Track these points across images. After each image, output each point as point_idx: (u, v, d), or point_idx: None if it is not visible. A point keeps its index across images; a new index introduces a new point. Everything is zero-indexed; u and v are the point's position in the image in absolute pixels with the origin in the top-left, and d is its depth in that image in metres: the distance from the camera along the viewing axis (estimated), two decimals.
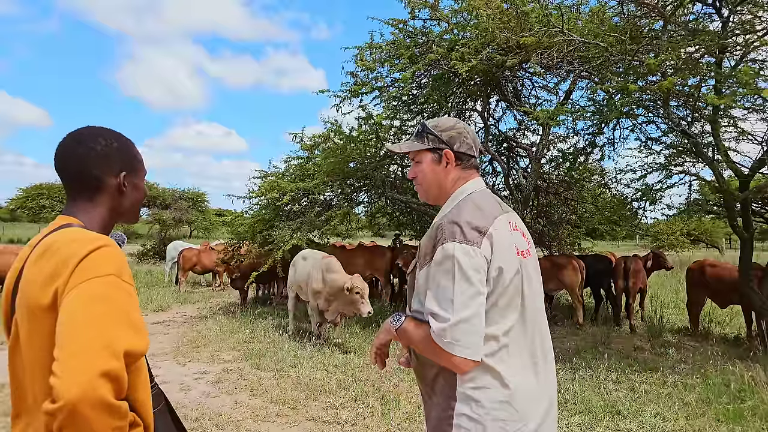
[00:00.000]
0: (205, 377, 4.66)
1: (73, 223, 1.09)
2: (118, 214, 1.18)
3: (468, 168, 1.42)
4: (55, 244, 0.99)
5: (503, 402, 1.22)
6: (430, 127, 1.43)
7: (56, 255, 0.97)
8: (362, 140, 6.89)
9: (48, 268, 0.96)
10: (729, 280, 6.20)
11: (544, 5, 5.58)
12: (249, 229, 7.52)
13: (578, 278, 6.99)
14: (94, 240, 1.00)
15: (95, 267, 0.95)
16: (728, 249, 22.68)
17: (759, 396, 3.97)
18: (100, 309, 0.91)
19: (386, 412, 3.74)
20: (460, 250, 1.20)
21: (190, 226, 23.34)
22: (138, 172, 1.20)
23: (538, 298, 1.35)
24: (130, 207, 1.20)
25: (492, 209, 1.33)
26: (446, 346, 1.17)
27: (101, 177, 1.13)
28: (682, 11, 5.47)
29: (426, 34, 6.55)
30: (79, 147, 1.12)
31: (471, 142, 1.42)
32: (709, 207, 7.00)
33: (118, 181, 1.15)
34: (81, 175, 1.12)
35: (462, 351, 1.16)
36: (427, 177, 1.43)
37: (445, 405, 1.27)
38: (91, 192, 1.13)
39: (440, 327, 1.17)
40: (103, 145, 1.14)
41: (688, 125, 5.66)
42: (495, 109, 8.32)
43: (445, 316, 1.17)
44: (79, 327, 0.89)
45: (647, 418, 3.70)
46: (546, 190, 8.52)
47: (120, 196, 1.16)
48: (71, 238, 1.01)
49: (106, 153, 1.14)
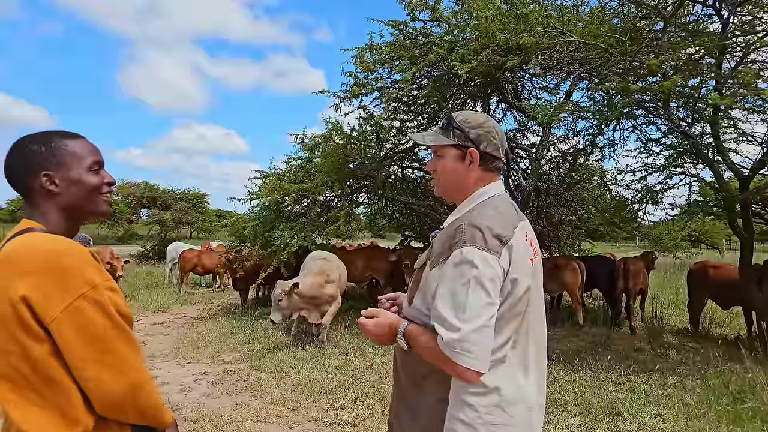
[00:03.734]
0: (205, 378, 4.66)
1: (34, 227, 1.10)
2: (72, 211, 1.17)
3: (491, 170, 1.36)
4: (14, 253, 1.01)
5: (496, 407, 1.21)
6: (458, 121, 1.35)
7: (15, 265, 0.99)
8: (362, 140, 6.89)
9: (6, 278, 0.98)
10: (732, 281, 6.19)
11: (544, 6, 5.59)
12: (252, 232, 7.53)
13: (578, 279, 6.98)
14: (52, 252, 1.01)
15: (66, 286, 0.98)
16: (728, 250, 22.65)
17: (759, 397, 3.96)
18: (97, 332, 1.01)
19: (386, 414, 3.73)
20: (479, 256, 1.16)
21: (190, 227, 23.33)
22: (70, 167, 1.15)
23: (541, 307, 1.34)
24: (80, 202, 1.16)
25: (512, 217, 1.29)
26: (454, 356, 1.13)
27: (25, 182, 1.14)
28: (682, 12, 5.47)
29: (426, 36, 6.56)
30: (8, 155, 1.15)
31: (498, 143, 1.35)
32: (709, 208, 7.00)
33: (41, 183, 1.13)
34: (12, 183, 1.15)
35: (470, 362, 1.13)
36: (448, 173, 1.36)
37: (435, 408, 1.25)
38: (29, 197, 1.15)
39: (450, 336, 1.13)
40: (22, 152, 1.14)
41: (689, 126, 5.65)
42: (495, 110, 8.32)
43: (457, 325, 1.13)
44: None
45: (647, 420, 3.70)
46: (546, 191, 8.52)
47: (56, 195, 1.14)
48: (30, 247, 1.02)
49: (26, 158, 1.13)
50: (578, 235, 9.93)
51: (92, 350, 1.00)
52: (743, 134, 5.90)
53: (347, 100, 7.08)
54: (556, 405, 4.00)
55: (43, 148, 1.14)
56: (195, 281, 12.09)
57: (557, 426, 3.61)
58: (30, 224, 1.11)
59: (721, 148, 5.40)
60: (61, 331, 0.98)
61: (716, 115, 5.29)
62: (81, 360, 0.99)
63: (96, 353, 1.00)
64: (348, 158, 7.31)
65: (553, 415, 3.80)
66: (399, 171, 8.82)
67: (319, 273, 5.82)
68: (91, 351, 1.00)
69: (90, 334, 1.00)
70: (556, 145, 8.06)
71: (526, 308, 1.26)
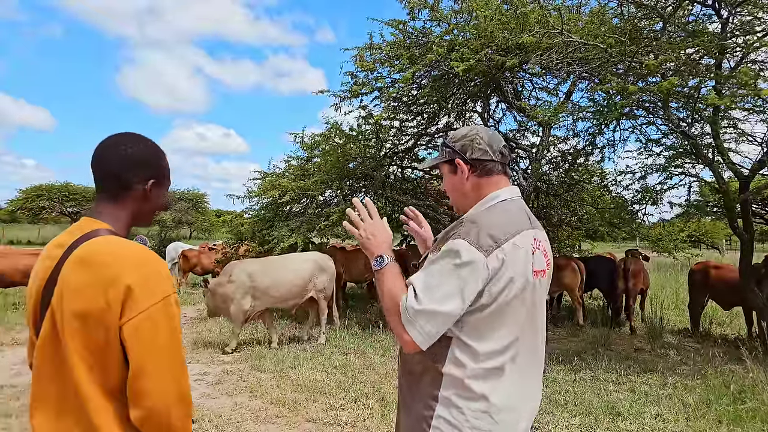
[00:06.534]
0: (205, 378, 4.66)
1: (101, 228, 1.13)
2: (137, 218, 1.24)
3: (487, 174, 1.36)
4: (95, 256, 1.05)
5: (484, 413, 1.21)
6: (447, 139, 1.43)
7: (100, 268, 1.03)
8: (362, 140, 6.88)
9: (94, 280, 1.02)
10: (733, 282, 6.19)
11: (544, 6, 5.59)
12: (249, 229, 7.52)
13: (578, 279, 6.98)
14: (140, 258, 1.07)
15: (149, 291, 1.04)
16: (728, 250, 22.67)
17: (759, 397, 3.96)
18: (163, 344, 1.05)
19: (386, 414, 3.73)
20: (466, 249, 1.19)
21: (190, 227, 23.35)
22: (164, 183, 1.26)
23: (540, 317, 1.33)
24: (149, 213, 1.25)
25: (519, 222, 1.29)
26: (406, 321, 1.20)
27: (130, 181, 1.18)
28: (681, 12, 5.47)
29: (426, 35, 6.56)
30: (115, 150, 1.18)
31: (485, 147, 1.36)
32: (709, 208, 7.00)
33: (146, 188, 1.19)
34: (112, 176, 1.17)
35: (415, 334, 1.20)
36: (450, 188, 1.44)
37: (426, 404, 1.27)
38: (118, 194, 1.18)
39: (411, 305, 1.20)
40: (137, 151, 1.19)
41: (688, 126, 5.65)
42: (495, 110, 8.32)
43: (422, 299, 1.19)
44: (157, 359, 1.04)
45: (647, 420, 3.70)
46: (546, 191, 8.52)
47: (144, 202, 1.21)
48: (112, 251, 1.07)
49: (139, 159, 1.19)
50: (578, 235, 9.93)
51: (159, 355, 1.04)
52: (743, 134, 5.89)
53: (347, 100, 7.08)
54: (557, 405, 4.00)
55: (155, 154, 1.22)
56: (195, 281, 12.08)
57: (557, 426, 3.60)
58: (96, 224, 1.14)
59: (721, 149, 5.40)
60: (147, 323, 1.02)
61: (716, 115, 5.28)
62: (150, 362, 1.03)
63: (161, 360, 1.04)
64: (347, 158, 7.30)
65: (553, 415, 3.80)
66: (398, 171, 8.81)
67: (224, 272, 5.72)
68: (157, 356, 1.04)
69: (160, 339, 1.04)
70: (556, 146, 8.06)
71: (522, 318, 1.25)
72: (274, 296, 5.63)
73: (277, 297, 5.65)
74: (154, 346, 1.03)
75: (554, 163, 8.21)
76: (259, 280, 5.53)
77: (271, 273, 5.65)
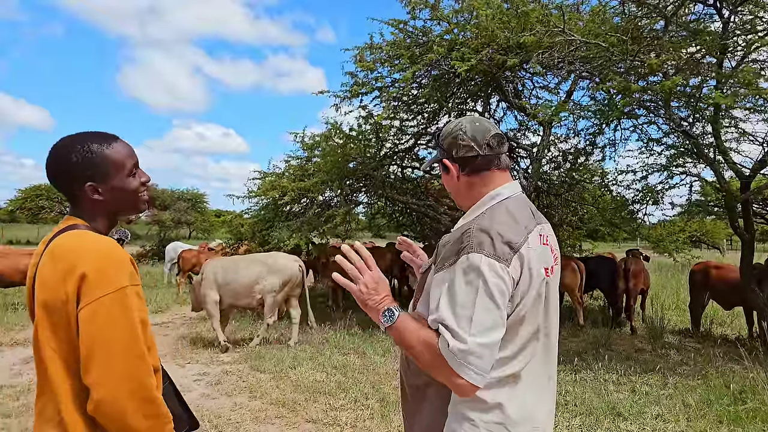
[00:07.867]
0: (205, 379, 4.64)
1: (78, 224, 1.16)
2: (114, 213, 1.23)
3: (478, 171, 1.28)
4: (60, 249, 1.09)
5: (498, 424, 1.16)
6: (437, 136, 1.37)
7: (62, 260, 1.06)
8: (362, 140, 6.87)
9: (56, 272, 1.06)
10: (734, 282, 6.18)
11: (545, 5, 5.58)
12: (249, 229, 7.51)
13: (578, 280, 6.97)
14: (101, 250, 1.08)
15: (104, 281, 1.04)
16: (729, 250, 22.66)
17: (760, 398, 3.94)
18: (114, 335, 1.04)
19: (386, 414, 3.72)
20: (487, 264, 1.10)
21: (189, 227, 23.33)
22: (112, 176, 1.18)
23: (554, 319, 1.27)
24: (122, 205, 1.22)
25: (526, 221, 1.22)
26: (458, 367, 1.07)
27: (71, 188, 1.18)
28: (682, 11, 5.45)
29: (426, 34, 6.54)
30: (49, 160, 1.18)
31: (469, 143, 1.26)
32: (710, 208, 6.98)
33: (86, 192, 1.16)
34: (58, 187, 1.19)
35: (471, 376, 1.08)
36: (446, 187, 1.39)
37: (435, 417, 1.21)
38: (73, 200, 1.19)
39: (458, 346, 1.07)
40: (64, 161, 1.16)
41: (690, 126, 5.64)
42: (495, 109, 8.31)
43: (464, 337, 1.07)
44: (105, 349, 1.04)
45: (648, 420, 3.69)
46: (546, 191, 8.50)
47: (101, 202, 1.18)
48: (75, 244, 1.09)
49: (66, 169, 1.16)
50: (579, 235, 9.91)
51: (109, 346, 1.03)
52: (744, 134, 5.88)
53: (347, 100, 7.06)
54: (557, 405, 3.97)
55: (84, 158, 1.16)
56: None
57: (558, 426, 3.59)
58: (74, 220, 1.17)
59: (722, 148, 5.38)
60: (98, 312, 1.03)
61: (717, 114, 5.27)
62: (99, 352, 1.03)
63: (112, 351, 1.03)
64: (347, 157, 7.29)
65: None
66: (399, 171, 8.80)
67: (201, 269, 6.08)
68: (106, 346, 1.03)
69: (112, 329, 1.04)
70: (556, 145, 8.05)
71: (537, 322, 1.20)
72: (230, 294, 5.86)
73: (232, 295, 5.86)
74: (103, 336, 1.02)
75: (555, 163, 8.20)
76: (220, 277, 5.82)
77: (230, 272, 5.89)
